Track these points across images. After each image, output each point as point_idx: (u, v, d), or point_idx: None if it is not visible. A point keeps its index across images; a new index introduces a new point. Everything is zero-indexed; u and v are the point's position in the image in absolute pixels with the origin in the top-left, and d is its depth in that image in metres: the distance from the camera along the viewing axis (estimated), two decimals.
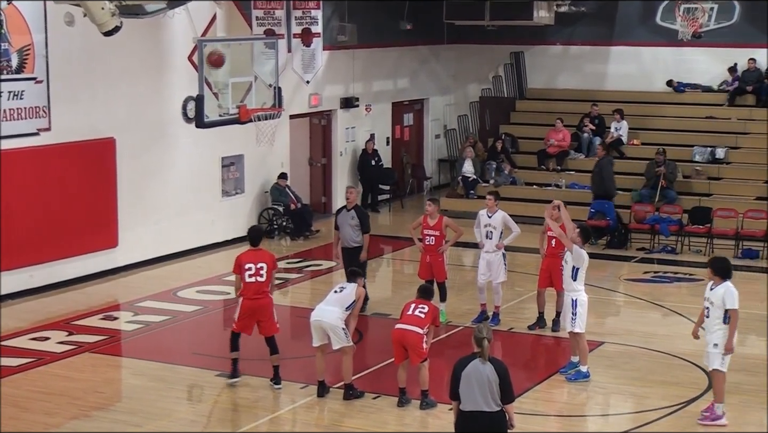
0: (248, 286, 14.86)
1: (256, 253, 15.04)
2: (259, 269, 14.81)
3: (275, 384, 15.01)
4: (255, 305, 14.87)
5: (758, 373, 15.68)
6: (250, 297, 14.86)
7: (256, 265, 14.83)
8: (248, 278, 14.84)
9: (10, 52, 19.09)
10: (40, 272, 19.93)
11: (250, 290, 14.84)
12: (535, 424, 13.66)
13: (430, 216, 17.76)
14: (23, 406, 14.36)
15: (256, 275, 14.81)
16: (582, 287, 15.33)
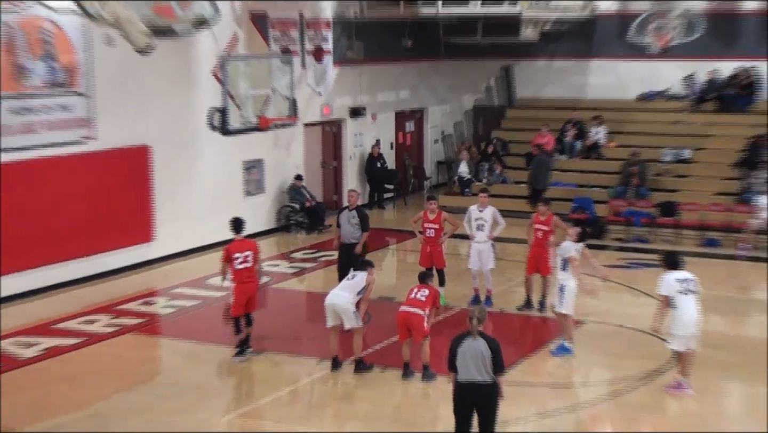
0: (239, 272, 15.12)
1: (241, 243, 15.32)
2: (246, 257, 15.13)
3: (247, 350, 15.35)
4: (246, 288, 15.19)
5: (720, 347, 15.78)
6: (242, 281, 15.14)
7: (243, 253, 15.13)
8: (238, 266, 15.11)
9: (58, 69, 19.23)
10: (87, 264, 20.07)
11: (242, 275, 15.13)
12: (523, 393, 13.80)
13: (431, 211, 17.91)
14: (75, 381, 14.55)
15: (244, 261, 15.13)
16: (570, 275, 15.46)
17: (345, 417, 13.30)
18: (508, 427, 12.47)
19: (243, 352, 15.34)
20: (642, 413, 13.37)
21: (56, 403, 13.72)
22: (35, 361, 15.42)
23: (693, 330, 13.68)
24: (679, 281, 13.58)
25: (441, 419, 12.83)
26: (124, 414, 13.25)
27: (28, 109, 18.70)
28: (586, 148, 28.17)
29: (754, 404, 13.67)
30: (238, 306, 15.23)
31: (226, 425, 13.01)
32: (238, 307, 15.24)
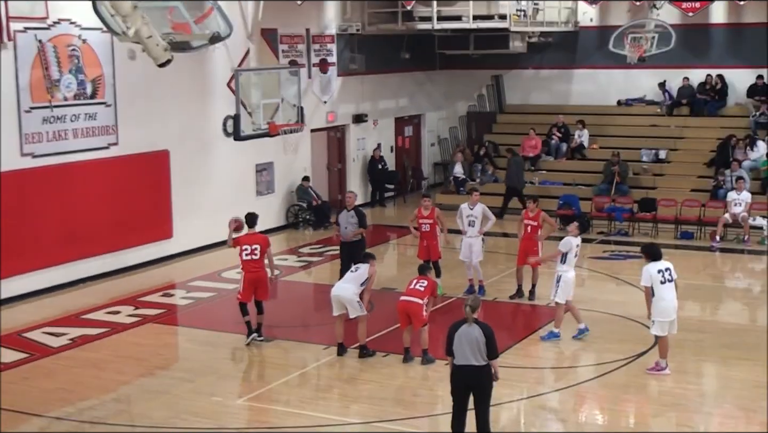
0: (246, 263, 15.12)
1: (252, 236, 15.25)
2: (254, 250, 15.10)
3: (258, 337, 15.27)
4: (254, 277, 15.13)
5: (695, 331, 15.74)
6: (249, 271, 15.11)
7: (251, 246, 15.10)
8: (245, 257, 15.10)
9: (85, 81, 19.18)
10: (111, 259, 19.98)
11: (249, 266, 15.10)
12: (515, 375, 13.71)
13: (425, 208, 17.78)
14: (101, 367, 14.47)
15: (252, 254, 15.09)
16: (568, 267, 15.33)
17: (350, 399, 13.17)
18: (502, 406, 12.36)
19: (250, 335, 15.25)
20: (625, 392, 13.27)
21: (83, 387, 13.63)
22: (64, 349, 15.32)
23: (672, 316, 13.62)
24: (659, 271, 13.48)
25: (439, 400, 12.76)
26: (145, 397, 13.19)
27: (59, 118, 18.66)
28: (571, 150, 28.08)
29: (728, 384, 13.57)
30: (245, 293, 15.19)
31: (240, 406, 12.88)
32: (246, 294, 15.20)
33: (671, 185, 25.82)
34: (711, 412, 12.62)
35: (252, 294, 15.22)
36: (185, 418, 12.33)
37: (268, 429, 12.15)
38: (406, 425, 12.12)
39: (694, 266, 20.74)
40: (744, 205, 22.78)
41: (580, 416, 12.64)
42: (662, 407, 12.79)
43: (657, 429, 12.17)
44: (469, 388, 10.98)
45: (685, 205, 23.93)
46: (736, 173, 23.92)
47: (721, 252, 22.15)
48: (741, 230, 22.69)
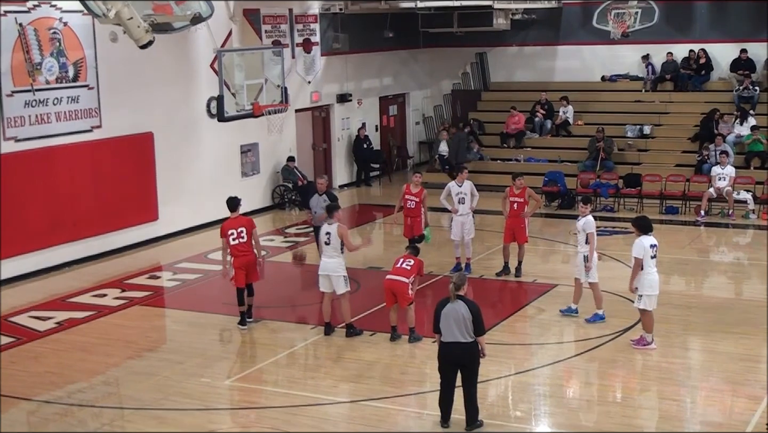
0: (234, 247, 15.02)
1: (235, 220, 15.17)
2: (240, 233, 15.00)
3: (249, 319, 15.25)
4: (243, 261, 15.03)
5: (681, 306, 15.88)
6: (237, 255, 15.01)
7: (237, 230, 15.01)
8: (233, 241, 15.00)
9: (67, 64, 19.08)
10: (97, 242, 19.93)
11: (237, 250, 15.00)
12: (502, 351, 13.77)
13: (414, 185, 17.75)
14: (88, 350, 14.46)
15: (238, 237, 15.00)
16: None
17: (338, 378, 13.19)
18: (489, 383, 12.42)
19: (244, 321, 15.20)
20: (612, 367, 13.34)
21: (71, 370, 13.61)
22: (51, 333, 15.31)
23: (658, 290, 13.72)
24: (651, 246, 13.53)
25: (427, 378, 12.81)
26: (134, 379, 13.18)
27: (41, 102, 18.57)
28: (556, 127, 28.11)
29: (714, 358, 13.66)
30: (239, 277, 15.08)
31: (228, 387, 12.90)
32: (239, 278, 15.08)
33: (656, 161, 25.88)
34: (697, 385, 12.70)
35: (243, 278, 15.11)
36: (174, 399, 12.35)
37: (256, 409, 12.17)
38: (394, 403, 12.16)
39: (680, 240, 20.83)
40: (728, 180, 22.88)
41: (568, 391, 12.71)
42: (649, 381, 12.90)
43: (644, 402, 12.25)
44: (457, 365, 11.05)
45: (669, 180, 24.01)
46: (720, 148, 23.99)
47: (706, 226, 22.25)
48: (725, 204, 22.80)
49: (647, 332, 13.80)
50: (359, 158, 28.39)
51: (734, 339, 14.23)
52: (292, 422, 11.56)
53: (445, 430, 11.17)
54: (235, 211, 15.32)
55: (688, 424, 11.51)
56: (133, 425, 11.63)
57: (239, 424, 11.71)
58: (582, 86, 29.50)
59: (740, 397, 12.23)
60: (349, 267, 15.03)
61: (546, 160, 26.87)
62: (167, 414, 11.88)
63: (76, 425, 11.69)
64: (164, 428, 11.45)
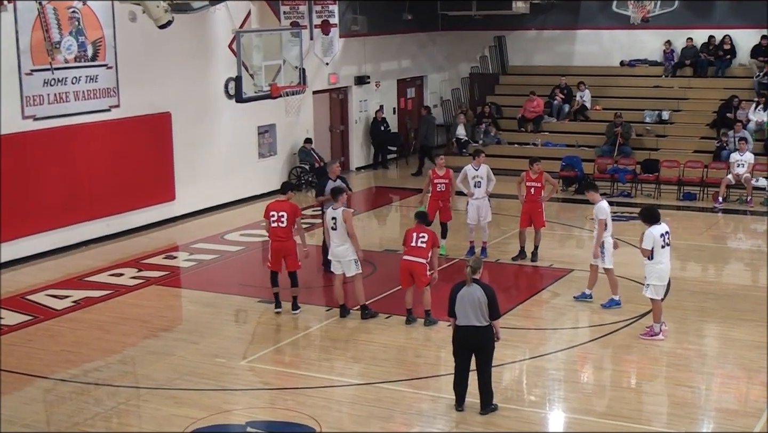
0: (273, 230, 14.85)
1: (279, 203, 14.95)
2: (281, 217, 14.74)
3: (293, 310, 15.07)
4: (280, 246, 14.84)
5: (697, 292, 15.86)
6: (275, 239, 14.86)
7: (278, 213, 14.78)
8: (272, 224, 14.84)
9: (86, 44, 19.10)
10: (114, 222, 20.00)
11: (275, 234, 14.83)
12: (517, 336, 13.78)
13: (439, 167, 17.74)
14: (105, 329, 14.54)
15: (278, 221, 14.78)
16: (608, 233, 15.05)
17: (352, 360, 13.23)
18: (504, 367, 12.43)
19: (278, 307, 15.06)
20: (627, 353, 13.33)
21: (88, 349, 13.69)
22: (68, 311, 15.37)
23: (667, 280, 13.66)
24: (661, 235, 13.43)
25: (442, 361, 12.82)
26: (149, 359, 13.24)
27: (60, 81, 18.61)
28: (574, 112, 28.00)
29: (730, 345, 13.61)
30: (273, 261, 14.91)
31: (243, 367, 12.94)
32: (274, 262, 14.92)
33: (674, 147, 25.78)
34: (712, 372, 12.66)
35: (280, 263, 14.92)
36: (189, 379, 12.40)
37: (271, 390, 12.22)
38: (409, 386, 12.18)
39: (697, 227, 20.77)
40: (747, 166, 22.76)
41: (582, 376, 12.70)
42: (663, 367, 12.86)
43: (658, 388, 12.23)
44: (471, 349, 11.06)
45: (687, 166, 23.90)
46: (739, 134, 23.85)
47: (724, 213, 22.16)
48: (744, 191, 22.70)
49: (655, 322, 13.74)
50: (376, 141, 28.36)
51: (750, 326, 14.18)
52: (306, 403, 11.60)
53: (459, 413, 11.18)
54: (284, 194, 15.18)
55: (702, 411, 11.49)
56: (149, 405, 11.70)
57: (254, 405, 11.74)
58: (601, 71, 29.38)
59: (755, 384, 12.19)
60: (365, 249, 15.04)
61: (563, 144, 26.78)
62: (182, 394, 11.94)
63: (92, 404, 11.76)
64: (179, 407, 11.50)
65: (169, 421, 11.14)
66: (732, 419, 11.12)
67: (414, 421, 11.22)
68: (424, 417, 11.28)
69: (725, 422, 11.07)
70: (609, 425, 10.96)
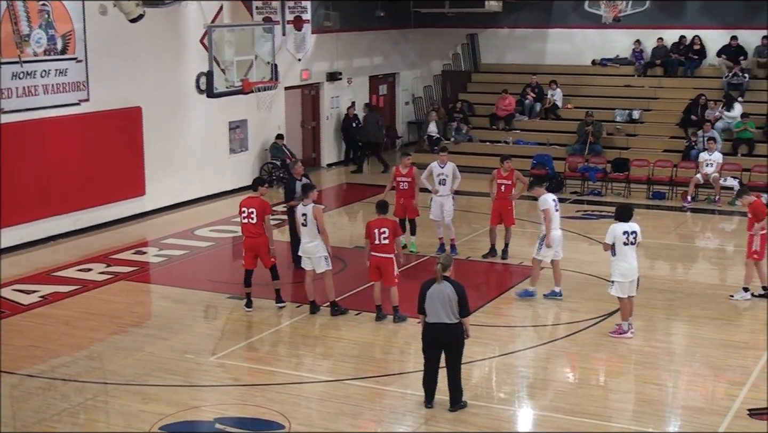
0: (244, 227, 14.83)
1: (250, 199, 14.91)
2: (250, 213, 14.69)
3: (277, 303, 15.03)
4: (252, 243, 14.77)
5: (665, 291, 15.97)
6: (247, 236, 14.81)
7: (248, 209, 14.74)
8: (243, 220, 14.81)
9: (56, 37, 18.95)
10: (83, 217, 19.88)
11: (246, 230, 14.80)
12: (487, 333, 13.82)
13: (404, 166, 17.80)
14: (73, 324, 14.44)
15: (248, 217, 14.72)
16: (554, 225, 15.26)
17: (322, 356, 13.23)
18: (474, 364, 12.46)
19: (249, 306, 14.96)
20: (596, 350, 13.38)
21: (56, 344, 13.59)
22: (35, 306, 15.27)
23: (632, 277, 13.67)
24: (625, 232, 13.52)
25: (411, 358, 12.84)
26: (118, 354, 13.16)
27: (29, 74, 18.45)
28: (545, 110, 28.10)
29: (697, 343, 13.71)
30: (247, 259, 14.83)
31: (212, 364, 12.89)
32: (247, 260, 14.84)
33: (644, 146, 25.94)
34: (679, 370, 12.76)
35: (254, 261, 14.84)
36: (158, 375, 12.35)
37: (240, 386, 12.18)
38: (378, 383, 12.19)
39: (666, 225, 20.91)
40: (715, 166, 22.93)
41: (551, 374, 12.75)
42: (631, 365, 12.94)
43: (626, 386, 12.30)
44: (441, 346, 11.08)
45: (657, 165, 24.06)
46: (709, 134, 24.03)
47: (692, 212, 22.33)
48: (712, 190, 22.86)
49: (623, 320, 13.82)
50: (348, 137, 28.33)
51: (717, 325, 14.31)
52: (276, 400, 11.58)
53: (428, 410, 11.20)
54: (256, 190, 15.13)
55: (669, 408, 11.57)
56: (117, 401, 11.63)
57: (223, 401, 11.70)
58: (572, 70, 29.48)
59: (722, 382, 12.31)
60: (335, 246, 15.02)
61: (535, 143, 26.88)
62: (151, 390, 11.88)
63: (59, 399, 11.68)
64: (148, 404, 11.45)
65: (137, 417, 11.08)
66: (698, 416, 11.20)
67: (383, 418, 11.23)
68: (394, 414, 11.29)
69: (692, 419, 11.15)
70: (577, 423, 11.02)
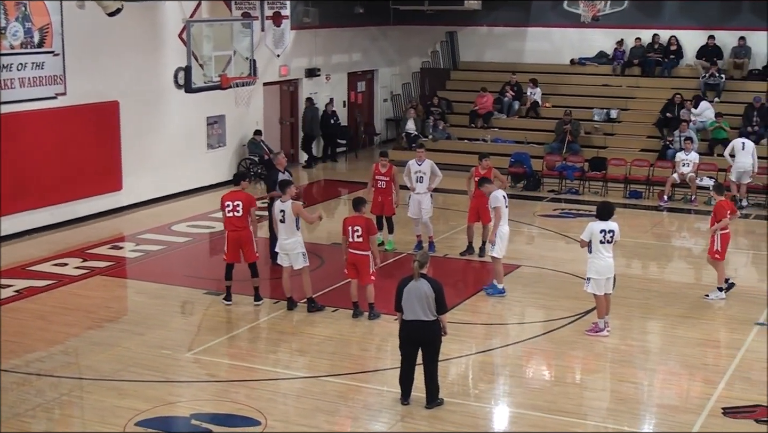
0: (228, 220, 14.79)
1: (234, 193, 14.90)
2: (236, 206, 14.67)
3: (255, 301, 15.02)
4: (237, 236, 14.75)
5: (641, 289, 16.06)
6: (232, 229, 14.78)
7: (233, 202, 14.71)
8: (228, 213, 14.77)
9: (33, 30, 18.83)
10: (59, 211, 19.78)
11: (231, 223, 14.75)
12: (464, 330, 13.84)
13: (382, 165, 17.79)
14: (48, 319, 14.37)
15: (234, 210, 14.70)
16: (503, 222, 15.42)
17: (298, 353, 13.23)
18: (451, 361, 12.48)
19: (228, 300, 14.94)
20: (572, 348, 13.43)
21: (31, 339, 13.50)
22: (10, 301, 15.16)
23: (607, 274, 13.70)
24: (602, 231, 13.57)
25: (387, 355, 12.86)
26: (93, 349, 13.10)
27: (5, 67, 18.31)
28: (524, 109, 28.16)
29: (672, 342, 13.81)
30: (229, 253, 14.80)
31: (189, 360, 12.86)
32: (230, 254, 14.81)
33: (621, 145, 26.06)
34: (655, 368, 12.83)
35: (237, 255, 14.82)
36: (134, 370, 12.30)
37: (216, 382, 12.15)
38: (355, 379, 12.18)
39: (642, 224, 21.01)
40: (692, 166, 23.06)
41: (528, 371, 12.80)
42: (607, 363, 13.01)
43: (602, 384, 12.37)
44: (418, 343, 11.09)
45: (634, 164, 24.18)
46: (685, 134, 24.16)
47: (669, 212, 22.46)
48: (689, 189, 22.99)
49: (599, 317, 13.88)
50: (326, 134, 28.29)
51: (692, 324, 14.41)
52: (252, 396, 11.56)
53: (404, 407, 11.21)
54: (238, 185, 15.09)
55: (644, 406, 11.63)
56: (92, 396, 11.58)
57: (199, 397, 11.67)
58: (551, 69, 29.56)
59: (697, 381, 12.39)
60: (313, 243, 15.03)
61: (513, 141, 26.95)
62: (127, 385, 11.84)
63: (33, 395, 11.62)
64: (123, 399, 11.41)
65: (112, 413, 11.04)
66: (673, 415, 11.28)
67: (359, 414, 11.24)
68: (370, 411, 11.30)
69: (667, 417, 11.22)
70: (553, 420, 11.07)
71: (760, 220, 21.54)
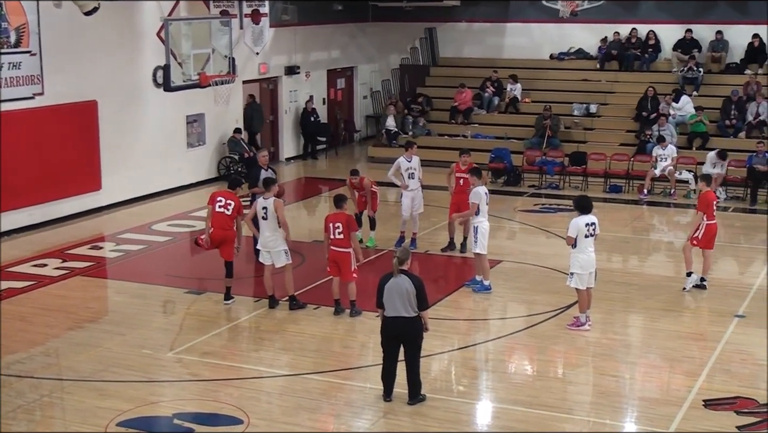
0: (216, 216, 14.73)
1: (228, 193, 14.92)
2: (227, 204, 14.69)
3: (225, 300, 14.98)
4: (221, 235, 14.75)
5: (621, 283, 16.13)
6: (218, 227, 14.74)
7: (225, 199, 14.73)
8: (217, 208, 14.73)
9: (9, 30, 18.70)
10: (38, 211, 19.68)
11: (218, 220, 14.71)
12: (446, 326, 13.86)
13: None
14: (28, 320, 14.30)
15: (224, 207, 14.69)
16: (483, 218, 15.48)
17: (281, 351, 13.20)
18: (433, 358, 12.49)
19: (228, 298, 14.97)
20: (554, 343, 13.47)
21: (11, 340, 13.39)
22: None
23: (591, 269, 13.76)
24: (587, 225, 13.60)
25: (370, 352, 12.86)
26: (74, 350, 13.04)
27: None
28: (504, 104, 28.20)
29: (653, 336, 13.88)
30: (212, 240, 14.74)
31: (170, 359, 12.81)
32: (212, 241, 14.76)
33: (601, 139, 26.13)
34: (636, 362, 12.88)
35: (215, 246, 14.83)
36: (115, 371, 12.25)
37: (198, 381, 12.12)
38: (337, 377, 12.18)
39: (622, 218, 21.09)
40: (670, 160, 23.16)
41: (510, 366, 12.83)
42: (589, 357, 13.05)
43: (584, 378, 12.41)
44: (400, 339, 11.09)
45: (614, 159, 24.26)
46: (663, 129, 24.29)
47: (649, 205, 22.56)
48: (668, 183, 23.09)
49: (581, 312, 13.92)
50: (306, 131, 28.27)
51: (672, 317, 14.48)
52: (234, 394, 11.54)
53: (387, 403, 11.22)
54: (233, 189, 15.05)
55: (626, 399, 11.67)
56: (73, 397, 11.53)
57: (181, 396, 11.64)
58: (530, 64, 29.60)
59: (678, 374, 12.45)
60: (294, 240, 14.99)
61: (493, 136, 26.98)
62: (108, 386, 11.79)
63: (14, 396, 11.54)
64: (104, 399, 11.36)
65: (93, 413, 10.99)
66: (654, 407, 11.32)
67: (342, 411, 11.23)
68: (352, 408, 11.30)
69: (648, 410, 11.27)
70: (536, 415, 11.10)
71: (738, 213, 21.68)
